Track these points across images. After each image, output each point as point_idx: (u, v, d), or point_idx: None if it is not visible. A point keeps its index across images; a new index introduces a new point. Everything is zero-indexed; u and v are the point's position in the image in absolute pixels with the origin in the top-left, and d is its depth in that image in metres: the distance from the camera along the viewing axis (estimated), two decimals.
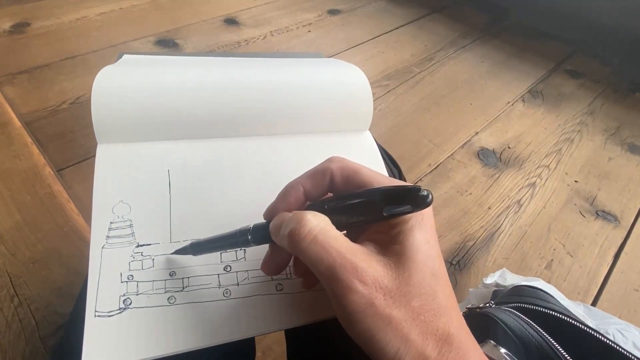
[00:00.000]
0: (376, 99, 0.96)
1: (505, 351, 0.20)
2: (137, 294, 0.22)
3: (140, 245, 0.24)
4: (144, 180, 0.27)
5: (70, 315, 0.27)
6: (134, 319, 0.22)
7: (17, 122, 0.75)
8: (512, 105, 1.00)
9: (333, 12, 1.28)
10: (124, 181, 0.26)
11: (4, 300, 0.51)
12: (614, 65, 1.19)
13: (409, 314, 0.17)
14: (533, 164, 0.84)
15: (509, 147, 0.87)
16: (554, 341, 0.29)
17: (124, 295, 0.22)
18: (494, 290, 0.51)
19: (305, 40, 1.13)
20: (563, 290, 0.61)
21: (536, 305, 0.34)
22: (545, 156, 0.86)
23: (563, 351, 0.28)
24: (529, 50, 1.21)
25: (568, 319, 0.31)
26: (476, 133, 0.90)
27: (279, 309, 0.24)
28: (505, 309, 0.34)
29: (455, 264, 0.65)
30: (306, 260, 0.18)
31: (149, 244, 0.24)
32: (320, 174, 0.21)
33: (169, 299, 0.23)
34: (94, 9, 1.13)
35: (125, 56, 0.34)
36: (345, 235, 0.19)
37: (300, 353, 0.34)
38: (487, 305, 0.37)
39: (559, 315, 0.32)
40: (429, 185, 0.77)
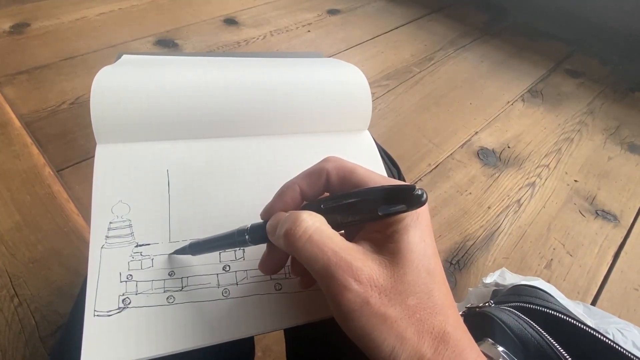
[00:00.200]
0: (375, 98, 0.96)
1: (503, 349, 0.20)
2: (137, 294, 0.22)
3: (140, 245, 0.24)
4: (143, 180, 0.27)
5: (70, 314, 0.27)
6: (133, 318, 0.22)
7: (17, 123, 0.75)
8: (512, 104, 1.00)
9: (332, 12, 1.28)
10: (123, 181, 0.26)
11: (3, 300, 0.51)
12: (614, 64, 1.19)
13: (404, 312, 0.17)
14: (533, 163, 0.84)
15: (508, 147, 0.87)
16: (553, 341, 0.29)
17: (123, 294, 0.22)
18: (494, 290, 0.51)
19: (305, 40, 1.13)
20: (563, 289, 0.61)
21: (536, 305, 0.34)
22: (545, 156, 0.86)
23: (562, 350, 0.28)
24: (528, 49, 1.21)
25: (568, 319, 0.31)
26: (476, 133, 0.90)
27: (278, 309, 0.24)
28: (504, 309, 0.34)
29: (455, 264, 0.65)
30: (302, 260, 0.18)
31: (148, 244, 0.24)
32: (316, 174, 0.21)
33: (168, 298, 0.23)
34: (93, 9, 1.13)
35: (125, 56, 0.34)
36: (342, 234, 0.19)
37: (299, 352, 0.34)
38: (487, 304, 0.37)
39: (559, 314, 0.32)
40: (429, 185, 0.77)
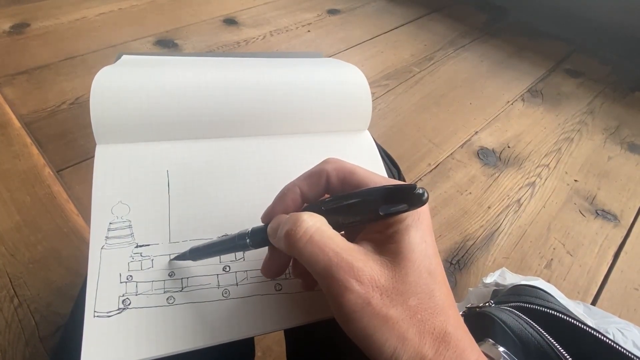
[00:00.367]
0: (375, 98, 0.96)
1: (503, 349, 0.20)
2: (136, 294, 0.22)
3: (140, 246, 0.24)
4: (143, 180, 0.27)
5: (70, 315, 0.27)
6: (133, 319, 0.22)
7: (17, 123, 0.75)
8: (512, 104, 1.00)
9: (332, 12, 1.28)
10: (123, 182, 0.26)
11: (3, 301, 0.51)
12: (614, 64, 1.19)
13: (405, 313, 0.17)
14: (533, 163, 0.84)
15: (508, 147, 0.87)
16: (553, 340, 0.29)
17: (123, 295, 0.22)
18: (494, 290, 0.51)
19: (305, 40, 1.13)
20: (563, 289, 0.61)
21: (536, 305, 0.34)
22: (544, 155, 0.86)
23: (563, 350, 0.28)
24: (528, 49, 1.21)
25: (568, 318, 0.31)
26: (476, 132, 0.90)
27: (278, 309, 0.24)
28: (504, 309, 0.34)
29: (455, 264, 0.65)
30: (303, 261, 0.18)
31: (148, 245, 0.24)
32: (316, 176, 0.21)
33: (168, 299, 0.23)
34: (93, 10, 1.13)
35: (124, 56, 0.34)
36: (343, 235, 0.19)
37: (299, 353, 0.34)
38: (487, 304, 0.37)
39: (559, 314, 0.32)
40: (429, 184, 0.77)
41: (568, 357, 0.28)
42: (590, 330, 0.30)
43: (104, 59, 0.96)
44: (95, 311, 0.22)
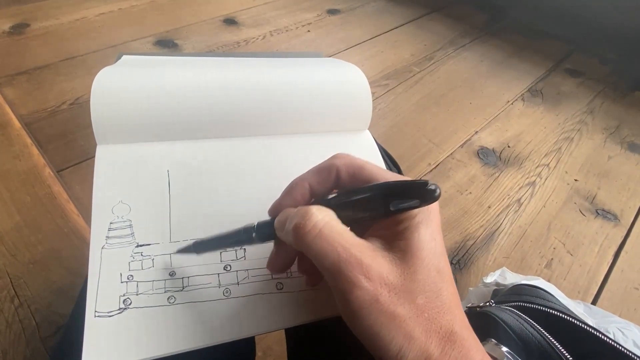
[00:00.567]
0: (375, 98, 0.96)
1: (507, 350, 0.20)
2: (137, 294, 0.22)
3: (140, 246, 0.24)
4: (143, 180, 0.27)
5: (70, 315, 0.27)
6: (133, 319, 0.22)
7: (17, 123, 0.75)
8: (512, 104, 1.00)
9: (332, 12, 1.28)
10: (123, 182, 0.26)
11: (4, 301, 0.51)
12: (613, 63, 1.19)
13: (413, 311, 0.17)
14: (533, 163, 0.84)
15: (508, 146, 0.87)
16: (554, 340, 0.29)
17: (123, 295, 0.22)
18: (494, 290, 0.51)
19: (305, 40, 1.13)
20: (563, 289, 0.61)
21: (536, 304, 0.34)
22: (545, 155, 0.86)
23: (563, 350, 0.28)
24: (528, 49, 1.21)
25: (568, 318, 0.31)
26: (476, 132, 0.90)
27: (280, 308, 0.24)
28: (505, 308, 0.34)
29: (456, 263, 0.65)
30: (311, 255, 0.18)
31: (149, 244, 0.24)
32: (326, 171, 0.21)
33: (168, 298, 0.23)
34: (93, 10, 1.13)
35: (125, 57, 0.34)
36: (351, 230, 0.19)
37: (300, 353, 0.34)
38: (487, 304, 0.37)
39: (559, 314, 0.32)
40: None
41: (569, 357, 0.28)
42: (590, 329, 0.30)
43: (104, 59, 0.96)
44: (96, 311, 0.22)
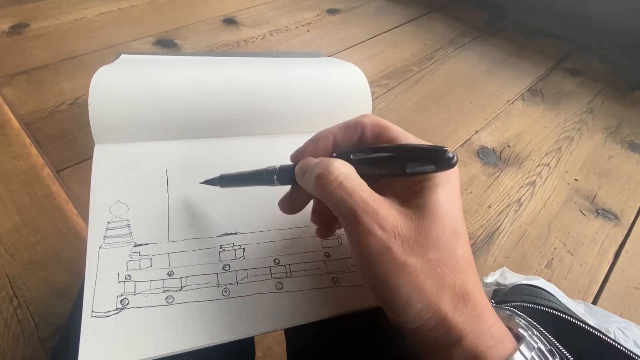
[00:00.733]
0: (375, 98, 0.95)
1: (523, 321, 0.19)
2: (135, 294, 0.22)
3: (138, 245, 0.24)
4: (141, 179, 0.27)
5: (69, 316, 0.27)
6: (131, 319, 0.21)
7: (16, 123, 0.75)
8: (512, 103, 0.99)
9: (332, 12, 1.28)
10: (121, 181, 0.26)
11: (2, 302, 0.50)
12: (614, 63, 1.19)
13: (425, 264, 0.17)
14: (533, 162, 0.84)
15: (508, 146, 0.87)
16: (555, 340, 0.28)
17: (121, 295, 0.22)
18: (495, 290, 0.51)
19: (305, 40, 1.13)
20: (564, 288, 0.60)
21: (537, 304, 0.34)
22: (545, 154, 0.86)
23: (564, 350, 0.28)
24: (528, 48, 1.21)
25: (569, 318, 0.31)
26: (476, 132, 0.90)
27: (279, 308, 0.24)
28: (505, 308, 0.33)
29: None
30: (330, 204, 0.19)
31: (147, 244, 0.24)
32: (353, 127, 0.22)
33: (167, 298, 0.23)
34: (92, 10, 1.12)
35: (123, 56, 0.34)
36: (370, 187, 0.20)
37: (300, 353, 0.34)
38: None
39: (560, 314, 0.32)
40: None
41: (569, 357, 0.27)
42: (591, 329, 0.30)
43: (103, 59, 0.95)
44: (93, 311, 0.21)
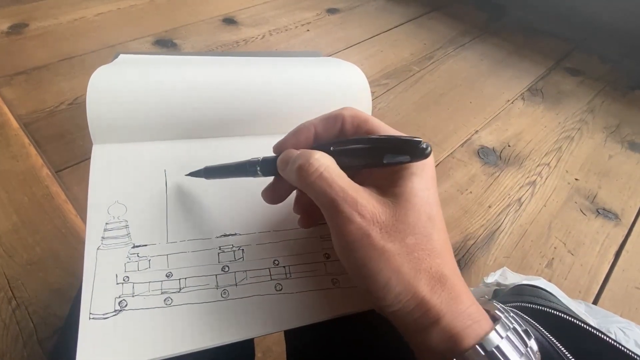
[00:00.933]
0: (375, 98, 0.95)
1: (500, 305, 0.20)
2: (133, 296, 0.22)
3: (136, 246, 0.24)
4: (140, 180, 0.26)
5: (67, 317, 0.27)
6: (129, 321, 0.21)
7: (15, 123, 0.75)
8: (512, 103, 0.99)
9: (332, 11, 1.28)
10: (119, 181, 0.26)
11: (1, 303, 0.50)
12: (614, 62, 1.19)
13: (402, 249, 0.18)
14: (533, 162, 0.84)
15: (509, 146, 0.87)
16: (555, 340, 0.28)
17: (119, 297, 0.22)
18: (495, 290, 0.50)
19: (304, 40, 1.13)
20: (564, 288, 0.60)
21: (537, 305, 0.34)
22: (545, 154, 0.86)
23: (565, 350, 0.27)
24: (528, 48, 1.21)
25: (569, 318, 0.31)
26: (476, 131, 0.90)
27: (278, 310, 0.24)
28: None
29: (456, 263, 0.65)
30: (311, 194, 0.20)
31: (145, 245, 0.24)
32: (333, 119, 0.23)
33: (165, 300, 0.22)
34: (91, 10, 1.12)
35: (121, 56, 0.34)
36: (349, 177, 0.20)
37: (300, 353, 0.34)
38: None
39: (561, 314, 0.32)
40: None
41: (570, 357, 0.27)
42: (592, 329, 0.30)
43: (102, 59, 0.95)
44: (90, 313, 0.21)
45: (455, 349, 0.17)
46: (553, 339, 0.29)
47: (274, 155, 0.23)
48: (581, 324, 0.31)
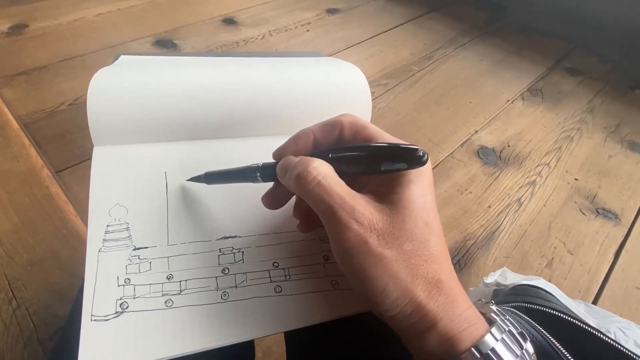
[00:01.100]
0: (375, 98, 0.95)
1: (496, 307, 0.20)
2: (134, 298, 0.22)
3: (137, 249, 0.24)
4: (140, 182, 0.26)
5: (68, 318, 0.27)
6: (130, 322, 0.21)
7: (15, 124, 0.75)
8: (512, 103, 0.99)
9: (332, 11, 1.28)
10: (120, 184, 0.26)
11: (2, 303, 0.50)
12: (614, 62, 1.19)
13: (400, 255, 0.18)
14: (533, 162, 0.84)
15: (508, 146, 0.87)
16: (555, 340, 0.28)
17: (120, 298, 0.22)
18: (495, 290, 0.51)
19: (304, 40, 1.13)
20: (564, 288, 0.60)
21: (537, 305, 0.34)
22: (545, 154, 0.86)
23: (564, 350, 0.28)
24: (528, 48, 1.21)
25: (569, 318, 0.31)
26: (476, 131, 0.90)
27: (278, 312, 0.24)
28: (506, 309, 0.33)
29: (456, 263, 0.65)
30: (309, 201, 0.20)
31: (146, 247, 0.24)
32: (332, 126, 0.23)
33: (166, 302, 0.23)
34: (91, 10, 1.12)
35: (122, 57, 0.34)
36: (347, 184, 0.21)
37: (300, 354, 0.34)
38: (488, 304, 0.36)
39: (560, 314, 0.32)
40: None
41: (570, 357, 0.27)
42: (591, 329, 0.30)
43: (102, 59, 0.95)
44: (92, 315, 0.21)
45: (451, 352, 0.18)
46: (552, 339, 0.29)
47: (274, 161, 0.23)
48: (580, 324, 0.31)
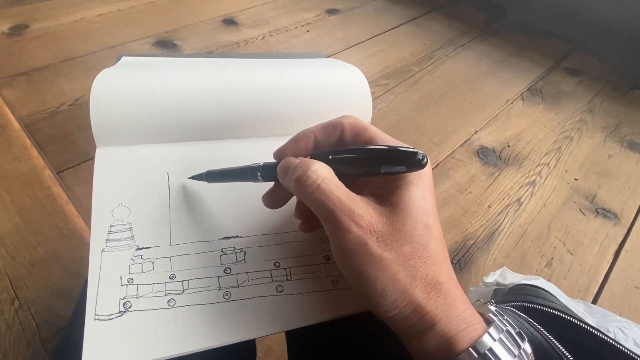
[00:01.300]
0: (375, 98, 0.96)
1: (494, 307, 0.20)
2: (137, 297, 0.22)
3: (140, 249, 0.24)
4: (143, 183, 0.27)
5: (70, 318, 0.27)
6: (134, 322, 0.22)
7: (16, 125, 0.75)
8: (512, 103, 0.99)
9: (331, 12, 1.28)
10: (123, 184, 0.26)
11: (4, 303, 0.51)
12: (613, 62, 1.19)
13: (399, 257, 0.19)
14: (533, 162, 0.84)
15: (508, 146, 0.87)
16: (554, 340, 0.29)
17: (123, 298, 0.22)
18: (495, 289, 0.51)
19: (304, 40, 1.13)
20: (563, 288, 0.61)
21: (537, 304, 0.34)
22: (545, 154, 0.86)
23: (564, 349, 0.28)
24: (527, 48, 1.21)
25: (568, 318, 0.31)
26: (476, 131, 0.90)
27: (280, 311, 0.24)
28: (505, 308, 0.34)
29: (456, 263, 0.65)
30: (309, 204, 0.20)
31: (149, 247, 0.24)
32: (332, 127, 0.23)
33: (169, 301, 0.23)
34: (92, 10, 1.12)
35: (124, 58, 0.34)
36: (347, 187, 0.21)
37: (301, 353, 0.34)
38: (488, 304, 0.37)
39: (560, 313, 0.32)
40: None
41: (569, 356, 0.28)
42: (591, 329, 0.30)
43: (103, 59, 0.96)
44: (95, 314, 0.22)
45: (449, 352, 0.18)
46: (552, 339, 0.29)
47: (275, 161, 0.24)
48: (580, 323, 0.31)
